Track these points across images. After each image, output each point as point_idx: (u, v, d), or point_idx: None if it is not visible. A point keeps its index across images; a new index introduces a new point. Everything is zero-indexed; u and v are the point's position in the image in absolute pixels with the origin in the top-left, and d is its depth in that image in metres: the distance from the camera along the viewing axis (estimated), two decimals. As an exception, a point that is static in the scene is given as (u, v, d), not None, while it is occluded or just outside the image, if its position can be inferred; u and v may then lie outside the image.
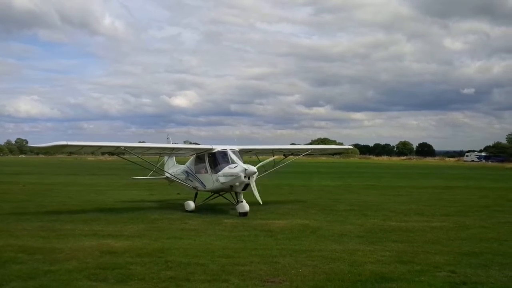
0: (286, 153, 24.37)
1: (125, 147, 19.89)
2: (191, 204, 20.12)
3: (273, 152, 24.01)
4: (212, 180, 19.79)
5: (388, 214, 19.48)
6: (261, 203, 18.50)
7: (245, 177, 18.39)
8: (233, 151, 20.16)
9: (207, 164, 20.26)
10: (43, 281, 9.17)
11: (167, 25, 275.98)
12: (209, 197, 21.14)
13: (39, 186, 33.17)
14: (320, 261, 11.00)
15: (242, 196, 19.14)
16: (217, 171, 19.50)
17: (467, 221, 17.76)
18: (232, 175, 18.70)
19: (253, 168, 18.44)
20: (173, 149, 21.99)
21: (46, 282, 9.14)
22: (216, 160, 19.92)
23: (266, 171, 21.46)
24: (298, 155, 25.24)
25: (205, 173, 20.35)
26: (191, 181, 21.33)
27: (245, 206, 18.62)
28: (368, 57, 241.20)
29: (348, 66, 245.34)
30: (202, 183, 20.57)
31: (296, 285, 9.15)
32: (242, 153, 21.07)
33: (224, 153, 19.98)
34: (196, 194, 21.15)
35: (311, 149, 27.30)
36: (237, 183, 18.70)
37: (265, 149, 24.29)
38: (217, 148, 20.41)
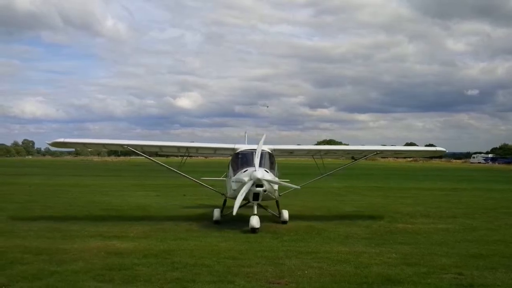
0: (356, 156, 20.62)
1: (128, 145, 18.30)
2: (215, 213, 17.41)
3: (320, 154, 20.38)
4: (230, 186, 17.00)
5: (394, 216, 19.42)
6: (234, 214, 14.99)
7: (253, 184, 15.20)
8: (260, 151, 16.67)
9: (230, 166, 17.60)
10: (49, 282, 9.17)
11: (169, 26, 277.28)
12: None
13: (45, 187, 33.28)
14: (326, 262, 10.97)
15: (256, 209, 15.88)
16: (234, 176, 16.63)
17: (474, 223, 17.69)
18: (241, 181, 15.66)
19: (260, 174, 15.05)
20: (187, 148, 19.35)
21: (52, 282, 9.14)
22: (238, 162, 16.98)
23: (322, 174, 19.64)
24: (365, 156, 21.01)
25: (229, 177, 17.66)
26: (225, 185, 18.84)
27: (251, 221, 15.33)
28: (370, 58, 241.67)
29: (350, 67, 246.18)
30: (226, 188, 18.17)
31: (302, 286, 9.12)
32: (274, 155, 18.01)
33: (246, 154, 17.06)
34: (225, 201, 18.40)
35: (381, 150, 20.55)
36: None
37: (312, 149, 20.44)
38: (242, 147, 17.72)
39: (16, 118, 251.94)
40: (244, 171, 15.87)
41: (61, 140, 17.77)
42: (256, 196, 15.55)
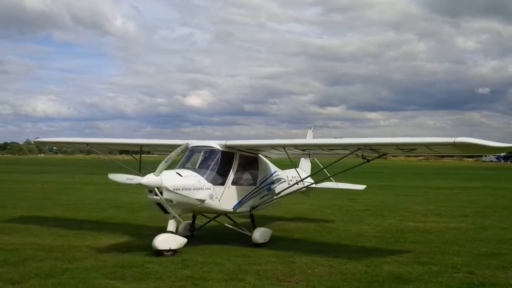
0: (368, 155, 13.83)
1: (88, 143, 17.36)
2: (180, 228, 13.45)
3: (309, 155, 16.59)
4: None
5: (405, 215, 19.35)
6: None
7: (150, 191, 11.45)
8: (199, 149, 13.38)
9: None
10: (61, 279, 9.25)
11: (178, 25, 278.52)
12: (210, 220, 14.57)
13: (57, 185, 33.54)
14: (337, 261, 10.95)
15: (170, 225, 11.98)
16: None
17: (486, 222, 17.56)
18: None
19: (146, 179, 11.31)
20: (148, 145, 16.82)
21: (64, 280, 9.21)
22: (181, 162, 13.29)
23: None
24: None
25: None
26: None
27: (154, 240, 11.43)
28: (380, 57, 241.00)
29: (360, 65, 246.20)
30: None
31: (312, 285, 9.12)
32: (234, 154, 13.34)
33: (189, 153, 13.44)
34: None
35: (376, 144, 12.79)
36: None
37: (284, 144, 14.10)
38: (194, 143, 13.70)
39: (28, 116, 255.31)
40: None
41: (38, 139, 19.42)
42: (161, 207, 11.71)
